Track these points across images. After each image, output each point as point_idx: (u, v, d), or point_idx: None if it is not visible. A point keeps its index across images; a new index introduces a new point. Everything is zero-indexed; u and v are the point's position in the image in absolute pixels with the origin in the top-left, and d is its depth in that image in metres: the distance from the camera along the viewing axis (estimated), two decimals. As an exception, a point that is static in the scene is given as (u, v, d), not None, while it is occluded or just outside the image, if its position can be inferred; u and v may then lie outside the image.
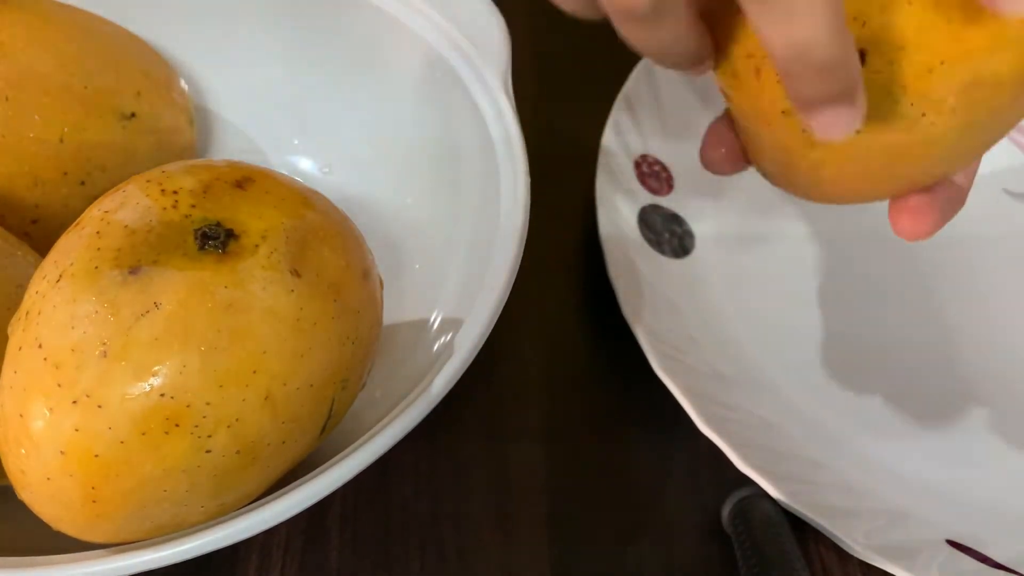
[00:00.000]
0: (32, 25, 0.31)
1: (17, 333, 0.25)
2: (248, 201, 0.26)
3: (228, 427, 0.24)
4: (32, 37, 0.31)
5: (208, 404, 0.23)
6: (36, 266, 0.27)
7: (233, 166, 0.27)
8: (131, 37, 0.35)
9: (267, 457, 0.25)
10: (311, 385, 0.25)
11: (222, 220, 0.25)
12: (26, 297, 0.25)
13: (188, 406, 0.23)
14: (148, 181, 0.26)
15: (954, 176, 0.26)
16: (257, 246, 0.25)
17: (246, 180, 0.26)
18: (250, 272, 0.24)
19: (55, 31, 0.32)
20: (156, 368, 0.23)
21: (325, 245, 0.26)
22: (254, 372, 0.24)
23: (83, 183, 0.32)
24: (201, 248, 0.24)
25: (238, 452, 0.24)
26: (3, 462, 0.25)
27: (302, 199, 0.27)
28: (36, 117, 0.31)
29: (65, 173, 0.32)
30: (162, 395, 0.23)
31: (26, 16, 0.32)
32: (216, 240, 0.25)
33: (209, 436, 0.23)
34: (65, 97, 0.31)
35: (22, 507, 0.25)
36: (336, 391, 0.27)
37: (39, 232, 0.32)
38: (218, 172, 0.27)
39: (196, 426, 0.23)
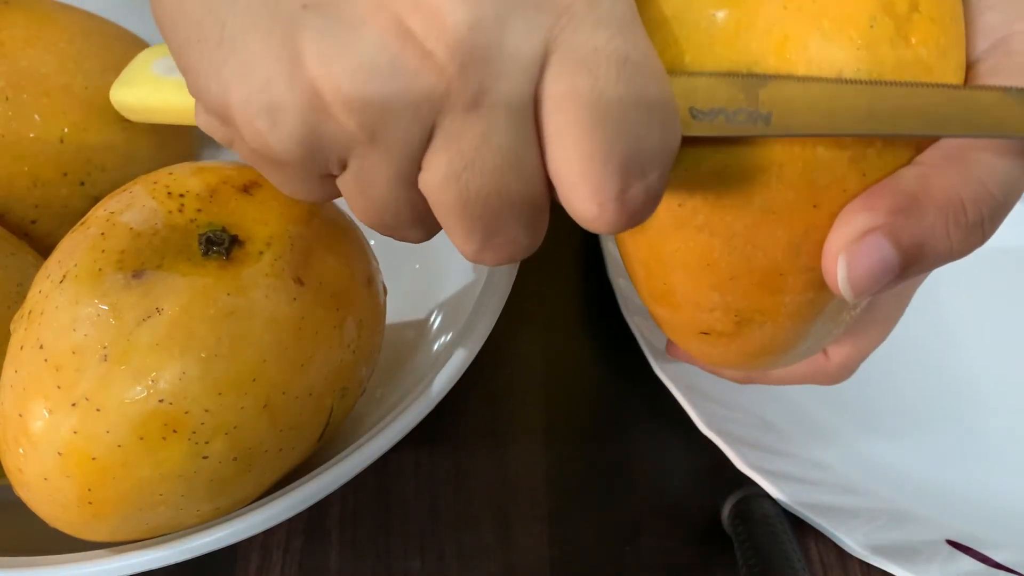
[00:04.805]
0: (32, 25, 0.31)
1: (19, 332, 0.25)
2: (254, 207, 0.26)
3: (226, 434, 0.24)
4: (32, 37, 0.31)
5: (207, 411, 0.23)
6: (36, 266, 0.27)
7: (241, 169, 0.27)
8: (132, 37, 0.35)
9: (264, 464, 0.25)
10: (310, 394, 0.25)
11: (227, 226, 0.25)
12: (29, 296, 0.25)
13: (186, 412, 0.23)
14: (155, 183, 0.26)
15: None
16: (261, 253, 0.25)
17: (253, 185, 0.26)
18: (253, 279, 0.24)
19: (55, 31, 0.32)
20: (156, 374, 0.23)
21: (330, 253, 0.26)
22: (253, 380, 0.24)
23: (83, 184, 0.32)
24: (205, 254, 0.24)
25: (235, 459, 0.24)
26: (1, 460, 0.25)
27: (309, 206, 0.27)
28: (36, 117, 0.31)
29: (65, 174, 0.32)
30: (161, 401, 0.23)
31: (26, 16, 0.32)
32: (220, 246, 0.25)
33: (206, 442, 0.23)
34: (65, 97, 0.31)
35: (22, 507, 0.25)
36: (335, 399, 0.26)
37: (39, 232, 0.32)
38: (225, 175, 0.27)
39: (194, 432, 0.23)
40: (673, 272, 0.22)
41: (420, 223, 0.20)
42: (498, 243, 0.19)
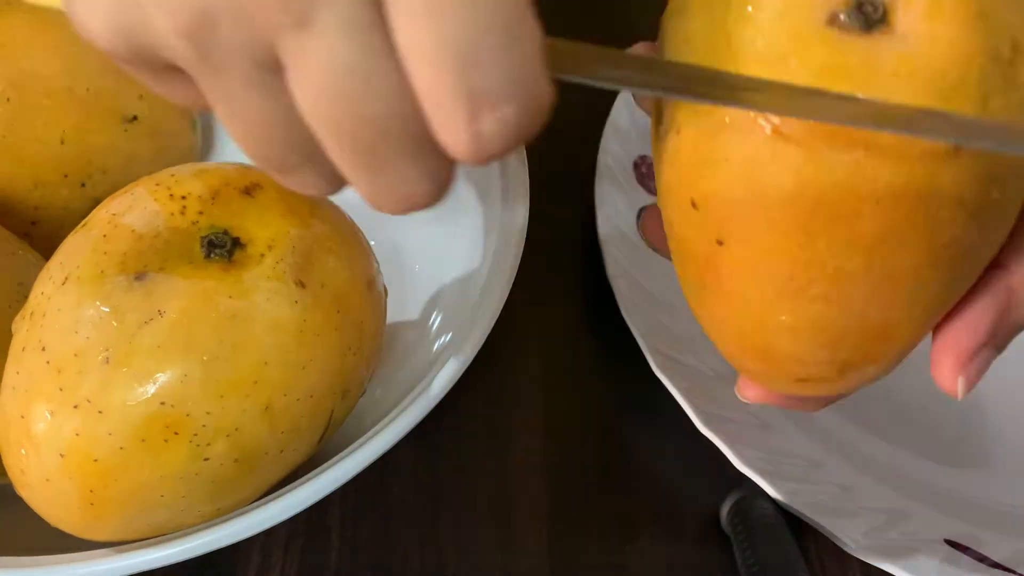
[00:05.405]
0: (34, 27, 0.31)
1: (21, 332, 0.25)
2: (256, 209, 0.26)
3: (227, 436, 0.24)
4: (34, 39, 0.31)
5: (208, 413, 0.23)
6: (37, 266, 0.27)
7: (243, 171, 0.27)
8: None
9: (265, 466, 0.25)
10: (311, 396, 0.25)
11: (229, 228, 0.25)
12: (31, 297, 0.25)
13: (188, 415, 0.23)
14: (157, 185, 0.26)
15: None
16: (263, 255, 0.25)
17: (255, 187, 0.26)
18: (255, 282, 0.24)
19: (57, 33, 0.32)
20: (158, 376, 0.23)
21: (331, 255, 0.26)
22: (255, 383, 0.24)
23: (84, 185, 0.32)
24: (207, 256, 0.25)
25: (236, 461, 0.24)
26: (3, 461, 0.25)
27: (310, 208, 0.27)
28: (37, 119, 0.31)
29: (66, 175, 0.32)
30: (162, 403, 0.23)
31: (28, 18, 0.32)
32: (222, 248, 0.25)
33: (208, 444, 0.24)
34: (67, 99, 0.31)
35: (24, 506, 0.25)
36: (336, 401, 0.27)
37: (39, 234, 0.32)
38: (227, 177, 0.27)
39: (195, 434, 0.23)
40: (779, 336, 0.21)
41: (310, 159, 0.18)
42: (387, 182, 0.17)
